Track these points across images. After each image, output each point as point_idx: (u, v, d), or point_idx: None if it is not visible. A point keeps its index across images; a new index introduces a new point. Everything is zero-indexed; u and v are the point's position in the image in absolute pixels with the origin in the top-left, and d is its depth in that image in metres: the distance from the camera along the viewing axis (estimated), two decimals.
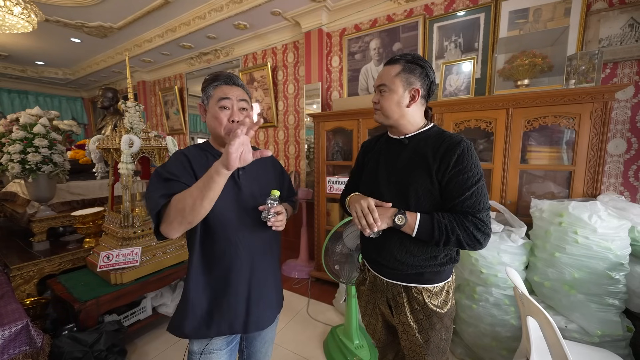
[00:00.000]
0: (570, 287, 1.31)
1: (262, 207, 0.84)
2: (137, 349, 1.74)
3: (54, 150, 1.90)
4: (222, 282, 0.85)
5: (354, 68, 2.70)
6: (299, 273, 2.77)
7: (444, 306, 0.87)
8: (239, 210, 0.85)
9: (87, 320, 1.48)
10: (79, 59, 4.60)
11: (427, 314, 0.86)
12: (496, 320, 1.48)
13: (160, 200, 0.72)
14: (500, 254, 1.48)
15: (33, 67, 5.03)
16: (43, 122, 1.87)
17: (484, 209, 0.77)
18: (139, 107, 1.79)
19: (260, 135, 3.58)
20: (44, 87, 5.76)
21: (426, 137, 0.86)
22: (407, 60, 0.85)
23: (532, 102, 1.59)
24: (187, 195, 0.69)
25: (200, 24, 3.02)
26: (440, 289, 0.87)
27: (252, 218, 0.86)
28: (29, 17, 2.16)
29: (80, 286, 1.63)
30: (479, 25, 2.07)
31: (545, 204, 1.45)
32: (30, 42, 3.82)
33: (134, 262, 1.68)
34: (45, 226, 1.95)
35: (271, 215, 0.83)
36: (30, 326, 1.10)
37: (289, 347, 1.78)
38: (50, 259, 1.80)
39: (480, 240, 0.76)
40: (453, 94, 1.87)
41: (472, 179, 0.77)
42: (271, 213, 0.83)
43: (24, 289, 1.69)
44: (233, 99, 0.84)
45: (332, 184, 2.45)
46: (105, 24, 3.27)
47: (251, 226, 0.87)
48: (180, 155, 0.85)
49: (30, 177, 1.83)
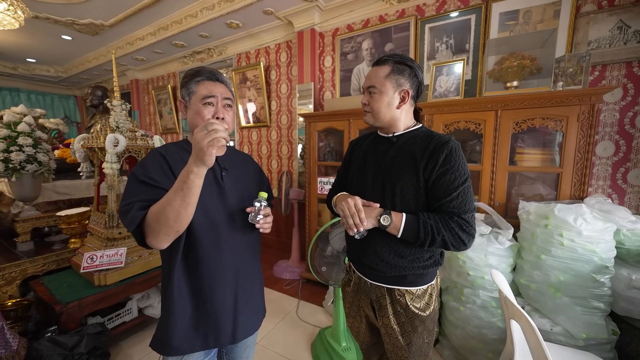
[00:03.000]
0: (556, 289, 1.31)
1: (250, 209, 0.82)
2: (121, 352, 1.71)
3: (38, 149, 1.87)
4: (208, 290, 0.80)
5: (346, 68, 2.69)
6: (290, 274, 2.75)
7: (426, 309, 0.86)
8: (224, 212, 0.82)
9: (69, 322, 1.46)
10: (70, 57, 4.55)
11: (409, 317, 0.86)
12: (483, 323, 1.48)
13: (137, 214, 0.67)
14: (488, 256, 1.47)
15: (24, 65, 4.97)
16: (28, 121, 1.84)
17: (469, 209, 0.77)
18: (125, 106, 1.77)
19: (253, 135, 3.56)
20: (36, 85, 5.69)
21: (414, 136, 0.86)
22: (395, 61, 0.84)
23: (521, 104, 1.58)
24: (167, 205, 0.64)
25: (192, 22, 2.99)
26: (423, 292, 0.87)
27: (237, 220, 0.84)
28: (15, 13, 2.13)
29: (63, 288, 1.61)
30: (470, 26, 2.07)
31: (532, 206, 1.45)
32: (20, 39, 3.77)
33: (118, 263, 1.65)
34: (30, 226, 1.92)
35: (259, 217, 0.81)
36: (5, 329, 1.08)
37: (276, 350, 1.77)
38: (34, 260, 1.77)
39: (465, 241, 0.76)
40: (443, 95, 1.87)
41: (459, 180, 0.77)
42: (259, 215, 0.81)
43: (6, 290, 1.66)
44: (218, 97, 0.80)
45: (324, 185, 2.43)
46: (96, 22, 3.23)
47: (236, 228, 0.84)
48: (158, 155, 0.78)
49: (14, 177, 1.80)
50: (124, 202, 0.70)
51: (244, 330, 0.87)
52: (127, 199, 0.70)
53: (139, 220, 0.67)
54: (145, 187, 0.72)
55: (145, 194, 0.70)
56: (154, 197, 0.69)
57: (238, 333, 0.85)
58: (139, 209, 0.68)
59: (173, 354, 0.79)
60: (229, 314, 0.84)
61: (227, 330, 0.83)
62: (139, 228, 0.68)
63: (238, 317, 0.85)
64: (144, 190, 0.71)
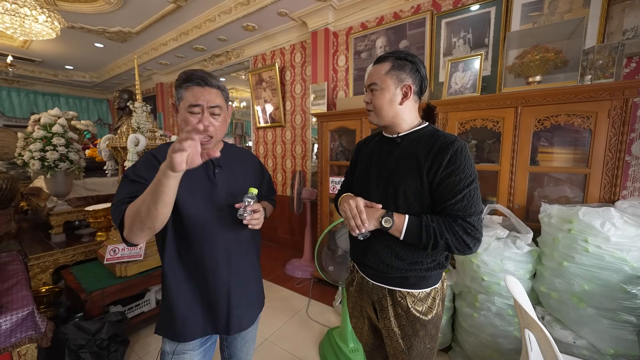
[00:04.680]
0: (580, 299, 1.21)
1: (239, 205, 0.82)
2: (140, 340, 1.81)
3: (70, 148, 2.03)
4: (201, 284, 0.84)
5: (359, 67, 2.66)
6: (302, 273, 2.77)
7: (428, 313, 0.84)
8: (215, 209, 0.84)
9: (93, 309, 1.56)
10: (103, 63, 4.89)
11: (410, 320, 0.83)
12: (498, 331, 1.40)
13: (121, 208, 0.70)
14: (504, 261, 1.40)
15: (63, 71, 5.41)
16: (61, 122, 2.00)
17: (475, 212, 0.74)
18: (145, 108, 1.87)
19: (268, 135, 3.63)
20: (74, 90, 6.17)
21: (419, 136, 0.83)
22: (396, 57, 0.82)
23: (543, 100, 1.48)
24: (140, 201, 0.66)
25: (210, 27, 3.10)
26: (425, 295, 0.84)
27: (229, 217, 0.85)
28: (53, 24, 2.32)
29: (89, 277, 1.73)
30: (490, 19, 1.97)
31: (554, 209, 1.35)
32: (59, 47, 4.11)
33: (138, 256, 1.75)
34: (62, 219, 2.09)
35: (247, 214, 0.81)
36: (35, 313, 1.18)
37: (284, 347, 1.79)
38: (65, 251, 1.92)
39: (470, 245, 0.73)
40: (458, 92, 1.79)
41: (465, 181, 0.74)
42: (247, 211, 0.81)
43: (41, 277, 1.82)
44: (203, 105, 0.78)
45: (335, 184, 2.43)
46: (124, 29, 3.45)
47: (227, 225, 0.85)
48: (150, 155, 0.81)
49: (49, 174, 1.97)
50: (114, 202, 0.73)
51: (237, 325, 0.89)
52: (116, 198, 0.74)
53: (122, 215, 0.70)
54: (133, 184, 0.75)
55: (132, 192, 0.73)
56: (139, 193, 0.70)
57: (232, 327, 0.88)
58: (123, 203, 0.71)
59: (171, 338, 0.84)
60: (223, 307, 0.86)
61: (221, 323, 0.86)
62: (121, 225, 0.71)
63: (232, 311, 0.87)
64: (131, 189, 0.74)
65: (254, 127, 3.76)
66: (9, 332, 1.11)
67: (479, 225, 0.74)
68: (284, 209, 3.41)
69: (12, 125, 5.11)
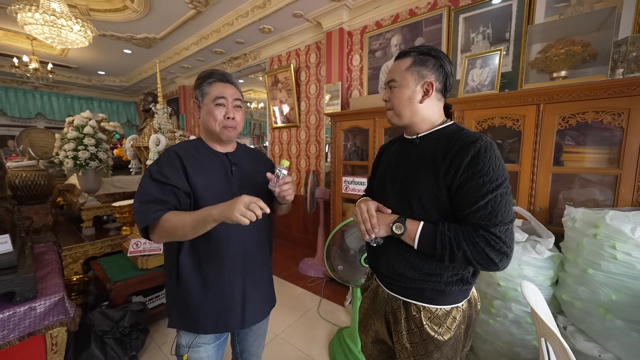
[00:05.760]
0: (606, 310, 1.13)
1: (270, 176, 0.83)
2: (159, 329, 1.91)
3: (99, 148, 2.17)
4: (217, 280, 0.86)
5: (374, 66, 2.63)
6: (315, 272, 2.79)
7: (445, 334, 0.74)
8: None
9: (117, 298, 1.67)
10: (131, 68, 5.19)
11: (423, 338, 0.75)
12: (515, 339, 1.33)
13: (153, 215, 0.75)
14: (522, 266, 1.33)
15: (96, 77, 5.81)
16: (92, 124, 2.15)
17: (502, 222, 0.64)
18: (166, 109, 1.97)
19: (283, 135, 3.68)
20: (105, 94, 6.62)
21: (440, 136, 0.75)
22: (419, 52, 0.76)
23: (568, 96, 1.39)
24: (181, 226, 0.75)
25: (229, 30, 3.21)
26: (444, 313, 0.75)
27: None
28: (85, 33, 2.50)
29: (114, 268, 1.85)
30: (511, 12, 1.87)
31: (579, 212, 1.26)
32: (92, 54, 4.42)
33: (157, 250, 1.85)
34: (92, 214, 2.24)
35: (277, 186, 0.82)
36: (65, 299, 1.28)
37: (295, 344, 1.81)
38: (94, 243, 2.06)
39: (495, 260, 0.64)
40: (475, 89, 1.72)
41: (489, 185, 0.64)
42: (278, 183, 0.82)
43: (72, 267, 1.97)
44: (229, 98, 0.86)
45: (348, 184, 2.42)
46: (149, 35, 3.65)
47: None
48: (172, 153, 0.85)
49: (80, 171, 2.12)
50: (139, 200, 0.78)
51: (252, 318, 0.92)
52: (142, 197, 0.78)
53: (150, 222, 0.76)
54: (157, 185, 0.79)
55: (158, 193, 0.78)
56: (165, 197, 0.78)
57: (247, 319, 0.90)
58: (154, 211, 0.76)
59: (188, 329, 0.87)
60: (238, 301, 0.88)
61: (236, 316, 0.88)
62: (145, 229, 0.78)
63: (247, 304, 0.90)
64: (156, 189, 0.79)
65: (270, 127, 3.83)
66: (43, 315, 1.21)
67: (507, 238, 0.64)
68: (299, 208, 3.45)
69: (52, 127, 5.57)
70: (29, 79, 4.01)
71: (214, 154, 0.91)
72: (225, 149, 0.94)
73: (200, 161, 0.88)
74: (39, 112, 5.79)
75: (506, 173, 0.67)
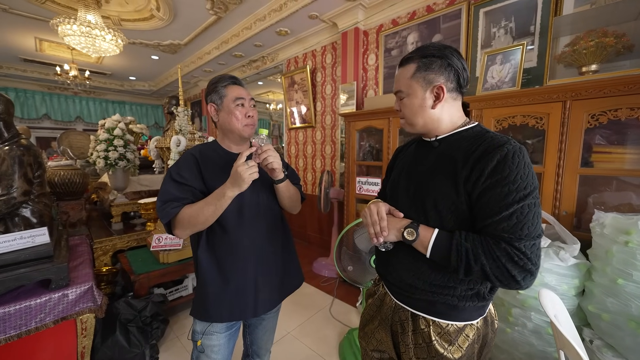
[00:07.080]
0: (638, 324, 1.03)
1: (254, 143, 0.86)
2: (178, 321, 2.02)
3: (127, 148, 2.33)
4: (231, 269, 0.92)
5: (390, 65, 2.59)
6: (328, 272, 2.80)
7: (455, 352, 0.68)
8: (245, 199, 0.92)
9: (140, 289, 1.79)
10: (158, 73, 5.50)
11: (431, 355, 0.69)
12: (534, 351, 1.26)
13: (172, 211, 0.83)
14: (544, 274, 1.25)
15: (128, 82, 6.21)
16: (121, 126, 2.32)
17: (528, 236, 0.57)
18: (187, 112, 2.07)
19: (299, 136, 3.73)
20: (136, 98, 7.05)
21: (461, 138, 0.70)
22: (420, 56, 0.71)
23: (598, 92, 1.29)
24: (200, 212, 0.82)
25: (247, 34, 3.30)
26: (456, 330, 0.69)
27: (256, 206, 0.94)
28: (117, 42, 2.69)
29: (138, 261, 1.98)
30: (537, 4, 1.77)
31: (608, 217, 1.17)
32: (124, 61, 4.74)
33: (177, 245, 1.95)
34: (120, 210, 2.41)
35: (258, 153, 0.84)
36: (94, 288, 1.39)
37: (305, 342, 1.83)
38: (122, 237, 2.22)
39: (517, 278, 0.58)
40: (495, 86, 1.64)
41: (516, 194, 0.58)
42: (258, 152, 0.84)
43: (102, 259, 2.12)
44: (246, 98, 0.94)
45: (362, 185, 2.40)
46: (174, 42, 3.84)
47: (255, 214, 0.94)
48: (190, 156, 0.93)
49: (110, 170, 2.29)
50: (160, 199, 0.86)
51: (263, 307, 0.97)
52: (163, 197, 0.86)
53: (171, 217, 0.84)
54: (177, 185, 0.87)
55: (177, 192, 0.86)
56: (183, 195, 0.86)
57: (259, 308, 0.95)
58: (173, 207, 0.84)
59: (203, 319, 0.93)
60: (251, 290, 0.93)
61: (249, 305, 0.93)
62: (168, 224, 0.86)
63: (258, 294, 0.95)
64: (175, 188, 0.87)
65: (286, 128, 3.90)
66: (74, 301, 1.33)
67: (533, 254, 0.57)
68: (314, 208, 3.47)
69: (88, 130, 6.03)
70: (70, 86, 4.38)
71: (229, 155, 0.98)
72: (239, 149, 0.99)
73: (216, 162, 0.94)
74: (78, 115, 6.29)
75: (536, 182, 0.61)
